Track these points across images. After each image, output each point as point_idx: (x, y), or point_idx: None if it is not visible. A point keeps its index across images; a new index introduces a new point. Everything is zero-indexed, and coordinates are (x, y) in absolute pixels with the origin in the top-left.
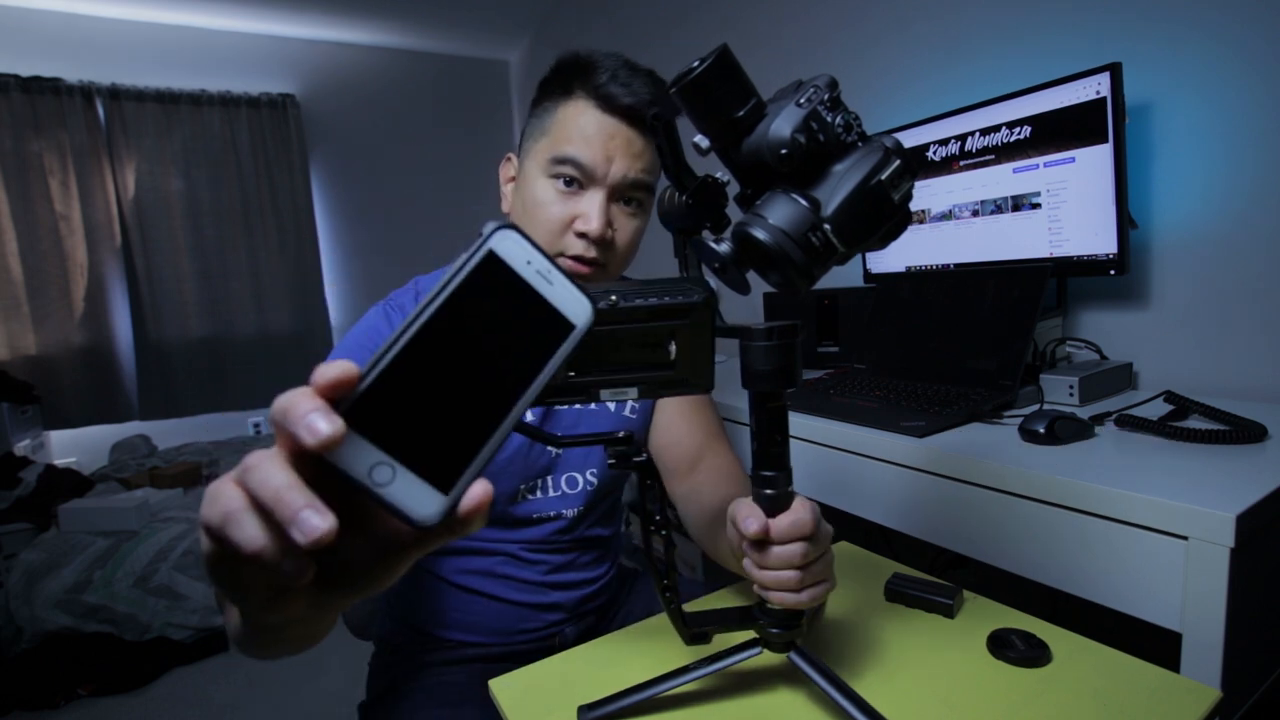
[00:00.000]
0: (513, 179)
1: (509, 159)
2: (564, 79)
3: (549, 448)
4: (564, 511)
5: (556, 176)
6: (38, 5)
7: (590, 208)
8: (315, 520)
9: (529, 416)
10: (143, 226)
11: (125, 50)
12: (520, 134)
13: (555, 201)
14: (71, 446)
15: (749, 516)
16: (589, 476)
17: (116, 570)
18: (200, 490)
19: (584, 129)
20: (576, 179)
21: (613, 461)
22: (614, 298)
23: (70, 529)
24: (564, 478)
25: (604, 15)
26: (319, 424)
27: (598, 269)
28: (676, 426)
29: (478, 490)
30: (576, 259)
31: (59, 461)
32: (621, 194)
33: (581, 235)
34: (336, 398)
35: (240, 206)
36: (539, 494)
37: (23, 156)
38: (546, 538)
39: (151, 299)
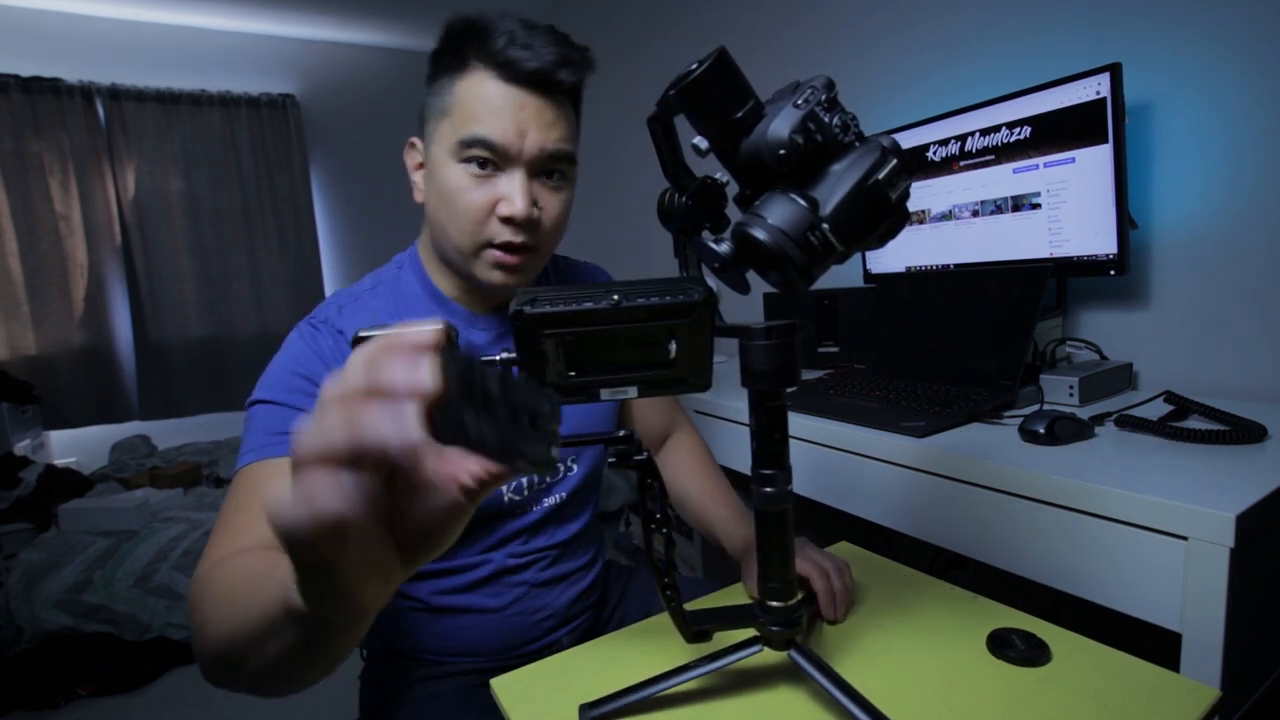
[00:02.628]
0: (421, 165)
1: (412, 145)
2: (457, 49)
3: None
4: (535, 505)
5: (468, 160)
6: (38, 5)
7: (511, 189)
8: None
9: None
10: (143, 226)
11: (125, 50)
12: (420, 116)
13: (472, 187)
14: (71, 446)
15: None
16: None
17: (116, 570)
18: (201, 490)
19: (489, 103)
20: (490, 160)
21: (613, 460)
22: (615, 297)
23: (70, 529)
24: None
25: (603, 15)
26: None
27: (529, 253)
28: (645, 411)
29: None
30: (505, 246)
31: (59, 461)
32: (541, 168)
33: (507, 220)
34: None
35: (240, 206)
36: (523, 492)
37: (23, 156)
38: (521, 538)
39: (151, 299)
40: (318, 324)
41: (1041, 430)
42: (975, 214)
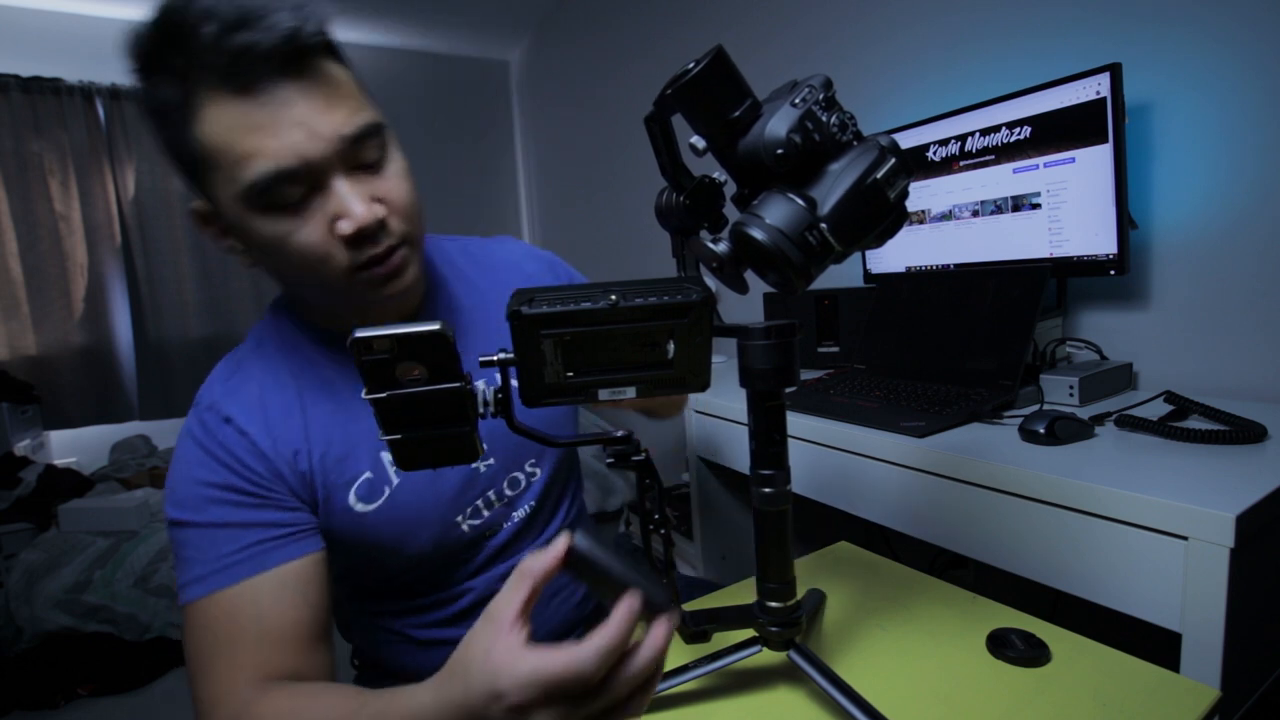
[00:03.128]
0: (224, 232)
1: (198, 213)
2: (166, 78)
3: (482, 472)
4: (505, 521)
5: (269, 208)
6: (38, 5)
7: (338, 204)
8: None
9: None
10: (143, 226)
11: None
12: (180, 174)
13: (294, 230)
14: (71, 446)
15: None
16: (529, 467)
17: (116, 570)
18: None
19: (248, 128)
20: (295, 191)
21: (611, 461)
22: (614, 297)
23: (70, 529)
24: (498, 486)
25: (603, 15)
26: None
27: (406, 248)
28: None
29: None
30: (371, 265)
31: (59, 461)
32: (353, 158)
33: (355, 239)
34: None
35: None
36: (483, 515)
37: (23, 156)
38: (501, 559)
39: (151, 299)
40: (204, 412)
41: (1041, 430)
42: (975, 214)
